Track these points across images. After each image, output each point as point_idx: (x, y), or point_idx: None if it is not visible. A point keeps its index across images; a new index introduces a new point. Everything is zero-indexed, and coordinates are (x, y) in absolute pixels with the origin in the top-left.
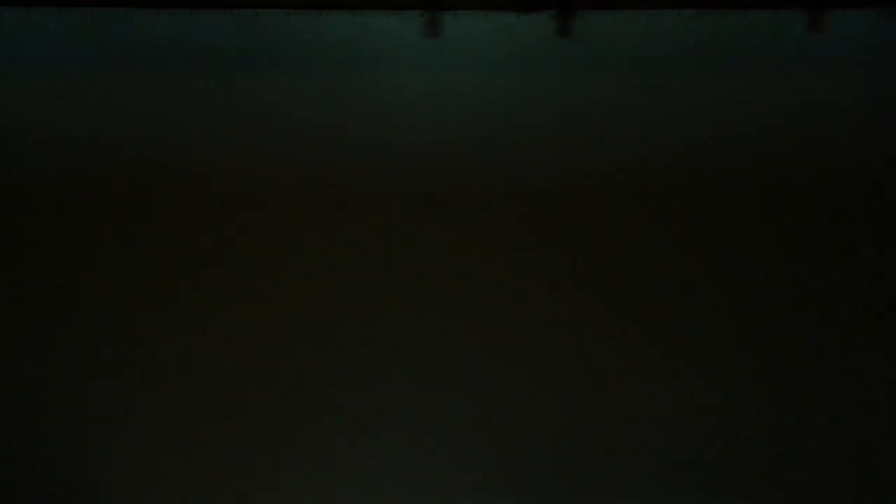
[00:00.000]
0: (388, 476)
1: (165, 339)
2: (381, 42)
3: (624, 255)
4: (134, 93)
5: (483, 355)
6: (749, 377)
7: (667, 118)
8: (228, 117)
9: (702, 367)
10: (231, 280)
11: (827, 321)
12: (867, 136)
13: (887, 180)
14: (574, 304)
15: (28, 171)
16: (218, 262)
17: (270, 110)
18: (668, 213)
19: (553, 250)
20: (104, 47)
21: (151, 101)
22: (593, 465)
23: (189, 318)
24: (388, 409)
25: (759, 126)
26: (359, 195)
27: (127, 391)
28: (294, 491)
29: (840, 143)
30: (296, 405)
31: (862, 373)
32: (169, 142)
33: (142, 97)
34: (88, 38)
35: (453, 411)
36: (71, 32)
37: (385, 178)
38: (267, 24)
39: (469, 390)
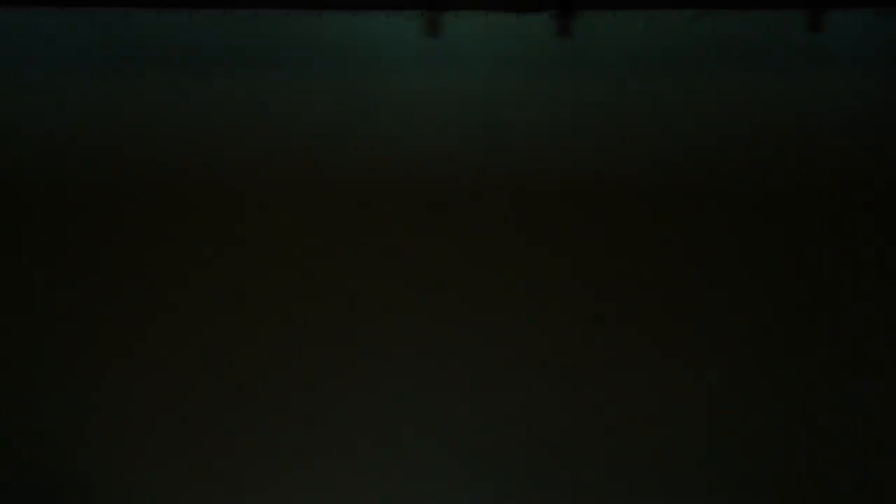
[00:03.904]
0: (387, 476)
1: (166, 339)
2: (381, 42)
3: (624, 255)
4: (134, 93)
5: (482, 355)
6: (748, 377)
7: (667, 118)
8: (228, 117)
9: (702, 367)
10: (230, 280)
11: (827, 321)
12: (867, 135)
13: (887, 180)
14: (574, 304)
15: (28, 171)
16: (218, 261)
17: (270, 110)
18: (668, 213)
19: (553, 250)
20: (104, 47)
21: (151, 101)
22: (592, 466)
23: (189, 317)
24: (387, 409)
25: (759, 126)
26: (358, 195)
27: (127, 391)
28: (294, 492)
29: (840, 143)
30: (296, 406)
31: (862, 373)
32: (169, 142)
33: (142, 97)
34: (88, 38)
35: (452, 411)
36: (71, 32)
37: (384, 177)
38: (267, 24)
39: (468, 390)
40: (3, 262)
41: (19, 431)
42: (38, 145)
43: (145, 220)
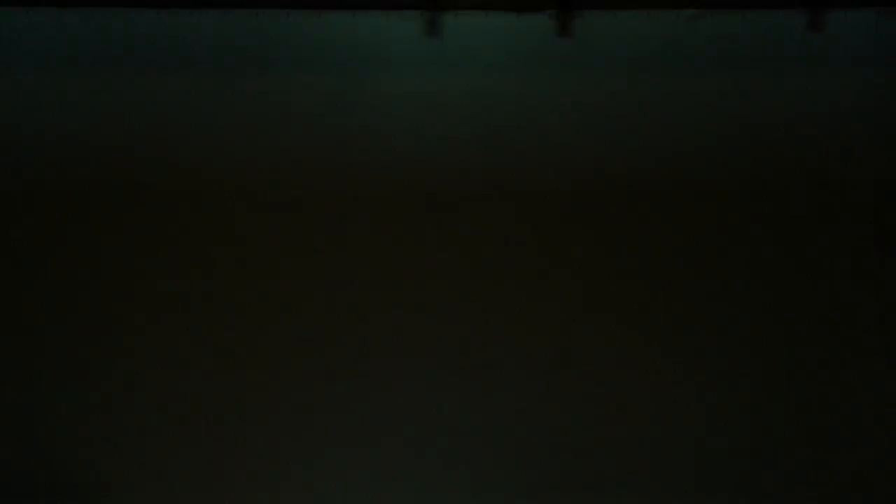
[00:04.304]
0: (386, 476)
1: (166, 339)
2: (381, 42)
3: (624, 256)
4: (134, 93)
5: (482, 355)
6: (747, 377)
7: (667, 118)
8: (228, 117)
9: (702, 367)
10: (230, 279)
11: (826, 322)
12: (867, 136)
13: (887, 180)
14: (574, 304)
15: (28, 171)
16: (218, 261)
17: (270, 110)
18: (668, 213)
19: (552, 250)
20: (104, 47)
21: (151, 101)
22: (595, 466)
23: (189, 317)
24: (386, 409)
25: (759, 126)
26: (358, 195)
27: (127, 391)
28: (294, 492)
29: (840, 143)
30: (296, 405)
31: (861, 373)
32: (169, 141)
33: (142, 97)
34: (88, 38)
35: (451, 411)
36: (71, 32)
37: (384, 177)
38: (267, 24)
39: (467, 390)
40: (2, 262)
41: (19, 431)
42: (37, 145)
43: (145, 219)
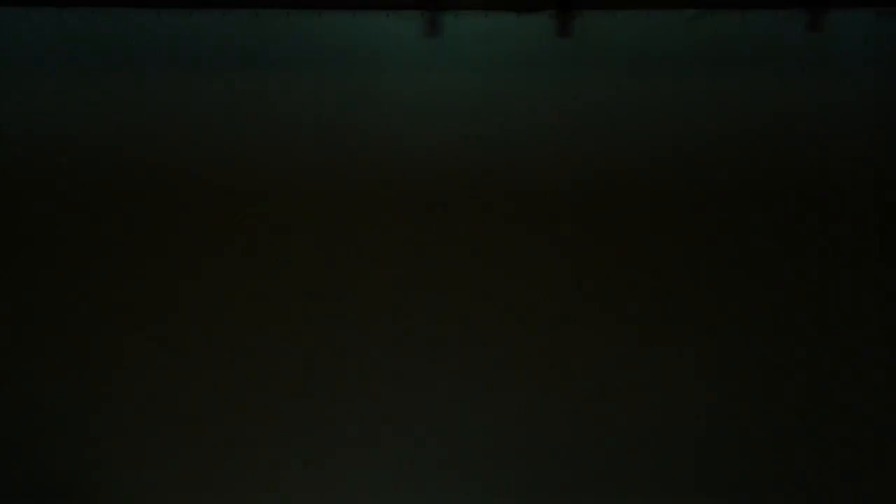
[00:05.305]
0: (388, 476)
1: (166, 339)
2: (381, 42)
3: (624, 255)
4: (134, 93)
5: (482, 355)
6: (748, 377)
7: (667, 118)
8: (228, 117)
9: (702, 366)
10: (231, 280)
11: (826, 321)
12: (867, 136)
13: (887, 180)
14: (574, 304)
15: (28, 171)
16: (218, 261)
17: (270, 110)
18: (668, 213)
19: (553, 250)
20: (104, 47)
21: (151, 101)
22: (595, 466)
23: (190, 317)
24: (389, 409)
25: (759, 126)
26: (358, 194)
27: (127, 391)
28: (294, 491)
29: (840, 143)
30: (296, 406)
31: (862, 373)
32: (169, 141)
33: (142, 97)
34: (88, 38)
35: (454, 412)
36: (71, 32)
37: (384, 177)
38: (267, 24)
39: (469, 390)
40: (3, 262)
41: (19, 431)
42: (37, 145)
43: (144, 218)
